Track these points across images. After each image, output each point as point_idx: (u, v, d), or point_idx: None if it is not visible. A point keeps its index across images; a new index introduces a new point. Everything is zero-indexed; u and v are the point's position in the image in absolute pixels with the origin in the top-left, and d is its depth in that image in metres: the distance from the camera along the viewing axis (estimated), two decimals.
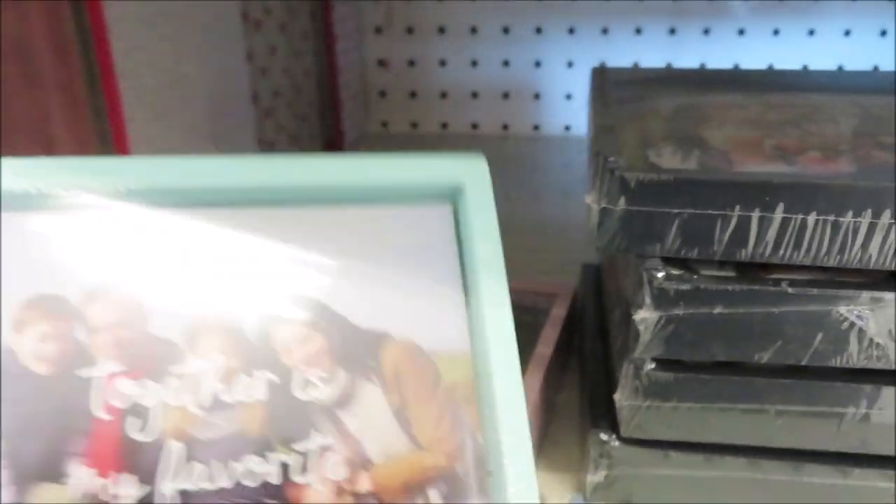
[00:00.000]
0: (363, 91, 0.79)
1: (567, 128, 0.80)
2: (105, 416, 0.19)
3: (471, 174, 0.24)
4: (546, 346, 0.35)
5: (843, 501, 0.28)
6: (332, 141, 0.72)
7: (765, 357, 0.27)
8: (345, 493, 0.19)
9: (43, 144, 0.36)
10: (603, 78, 0.39)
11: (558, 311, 0.38)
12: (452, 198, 0.23)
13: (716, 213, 0.26)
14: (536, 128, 0.80)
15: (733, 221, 0.26)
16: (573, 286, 0.41)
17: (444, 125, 0.81)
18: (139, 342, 0.19)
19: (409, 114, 0.81)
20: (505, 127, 0.80)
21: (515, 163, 0.74)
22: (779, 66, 0.71)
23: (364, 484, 0.19)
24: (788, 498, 0.29)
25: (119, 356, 0.19)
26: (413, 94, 0.80)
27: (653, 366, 0.28)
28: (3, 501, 0.17)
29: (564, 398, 0.37)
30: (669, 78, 0.41)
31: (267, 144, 0.58)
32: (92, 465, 0.18)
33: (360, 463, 0.20)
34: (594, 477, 0.30)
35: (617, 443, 0.29)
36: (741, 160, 0.28)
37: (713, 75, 0.42)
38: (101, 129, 0.39)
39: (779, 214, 0.25)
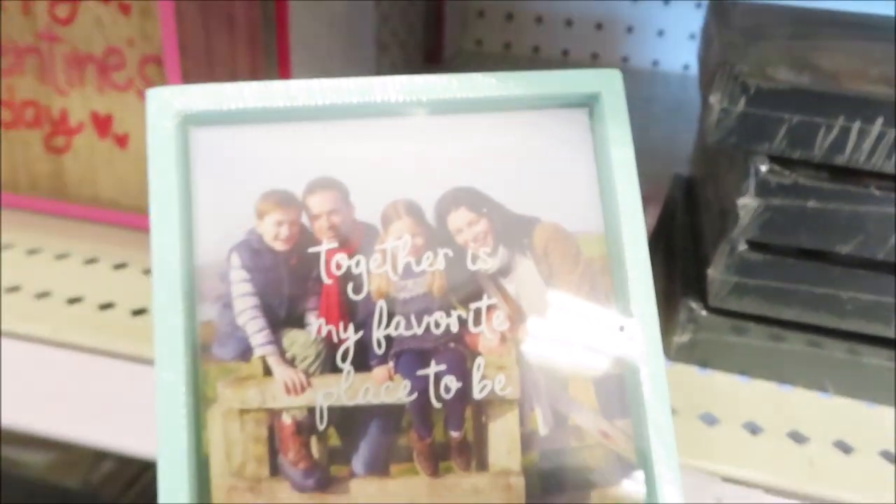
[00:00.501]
0: (462, 8, 0.83)
1: (655, 62, 0.83)
2: (328, 281, 0.25)
3: (607, 85, 0.27)
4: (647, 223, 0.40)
5: (890, 382, 0.34)
6: (431, 54, 0.77)
7: (845, 249, 0.32)
8: (508, 340, 0.25)
9: (230, 77, 0.41)
10: (723, 9, 0.43)
11: (653, 210, 0.43)
12: (589, 104, 0.27)
13: (821, 121, 0.30)
14: (625, 59, 0.83)
15: (835, 130, 0.30)
16: (664, 191, 0.46)
17: (536, 49, 0.85)
18: (348, 226, 0.25)
19: (503, 35, 0.85)
20: (594, 56, 0.84)
21: None
22: None
23: (523, 333, 0.25)
24: (842, 374, 0.34)
25: (335, 237, 0.25)
26: (509, 17, 0.84)
27: (746, 247, 0.33)
28: (260, 342, 0.24)
29: None
30: (784, 14, 0.44)
31: (382, 47, 0.63)
32: (322, 316, 0.25)
33: (519, 318, 0.25)
34: (680, 338, 0.35)
35: (704, 311, 0.35)
36: (847, 82, 0.32)
37: (826, 15, 0.46)
38: (271, 66, 0.44)
39: (876, 128, 0.30)
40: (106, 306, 0.38)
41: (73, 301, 0.39)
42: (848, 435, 0.32)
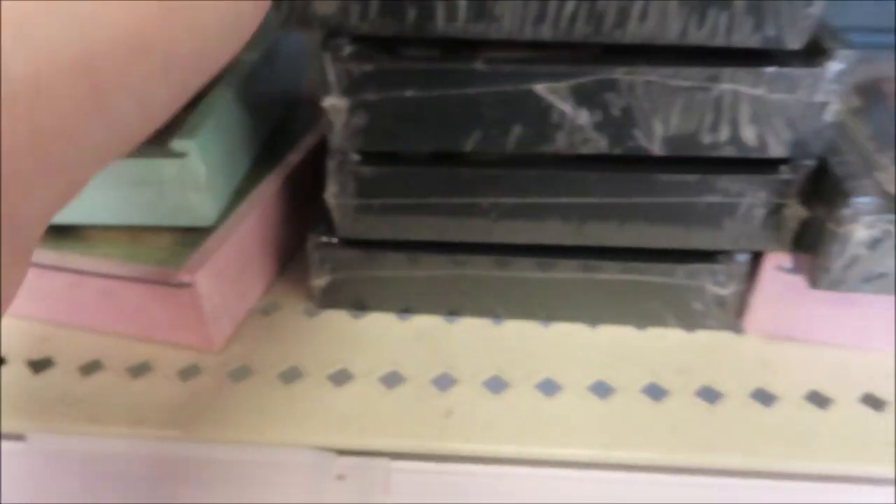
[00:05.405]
0: None
1: None
2: None
3: None
4: (297, 152, 0.33)
5: (546, 292, 0.28)
6: None
7: (468, 145, 0.25)
8: None
9: None
10: None
11: None
12: None
13: None
14: None
15: None
16: None
17: None
18: None
19: None
20: None
21: None
22: None
23: None
24: (493, 289, 0.28)
25: None
26: None
27: (358, 159, 0.26)
28: None
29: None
30: None
31: None
32: None
33: None
34: (319, 281, 0.29)
35: (336, 244, 0.28)
36: None
37: None
38: None
39: None
40: None
41: None
42: (505, 370, 0.27)
